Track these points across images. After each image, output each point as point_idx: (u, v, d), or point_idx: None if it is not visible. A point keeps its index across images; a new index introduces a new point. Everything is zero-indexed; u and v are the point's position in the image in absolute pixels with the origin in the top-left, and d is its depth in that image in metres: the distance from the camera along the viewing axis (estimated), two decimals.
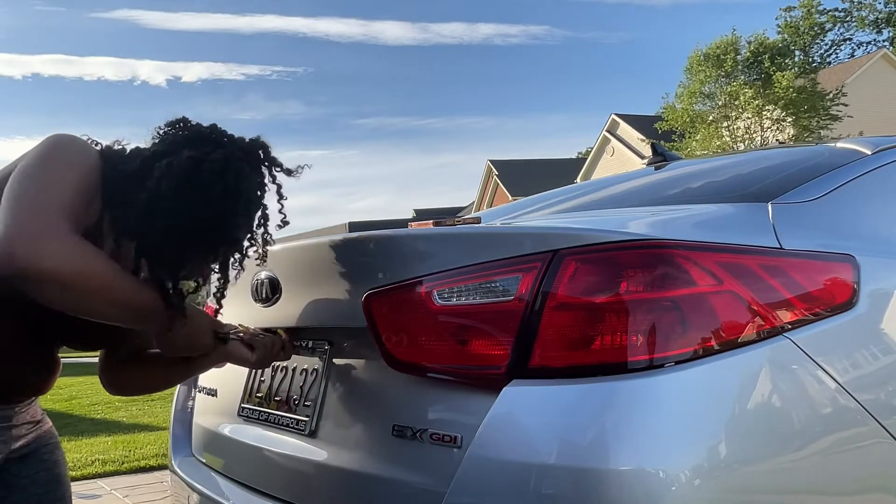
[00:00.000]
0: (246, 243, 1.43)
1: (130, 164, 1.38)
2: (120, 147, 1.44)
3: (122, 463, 5.03)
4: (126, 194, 1.35)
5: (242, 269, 1.50)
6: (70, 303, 1.25)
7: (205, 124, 1.43)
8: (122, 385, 1.67)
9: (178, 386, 2.15)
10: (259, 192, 1.41)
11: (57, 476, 1.55)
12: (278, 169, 1.44)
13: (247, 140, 1.43)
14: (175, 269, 1.38)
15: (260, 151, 1.42)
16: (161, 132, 1.43)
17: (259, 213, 1.42)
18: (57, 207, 1.24)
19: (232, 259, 1.44)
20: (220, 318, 1.62)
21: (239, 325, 1.60)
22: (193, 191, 1.32)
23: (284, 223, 1.46)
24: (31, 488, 1.51)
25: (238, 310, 1.74)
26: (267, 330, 1.68)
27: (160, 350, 1.45)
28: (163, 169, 1.34)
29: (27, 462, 1.51)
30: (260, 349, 1.55)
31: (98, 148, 1.41)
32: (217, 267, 1.44)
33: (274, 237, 1.47)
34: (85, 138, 1.41)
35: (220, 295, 1.48)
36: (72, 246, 1.21)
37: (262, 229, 1.44)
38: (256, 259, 1.49)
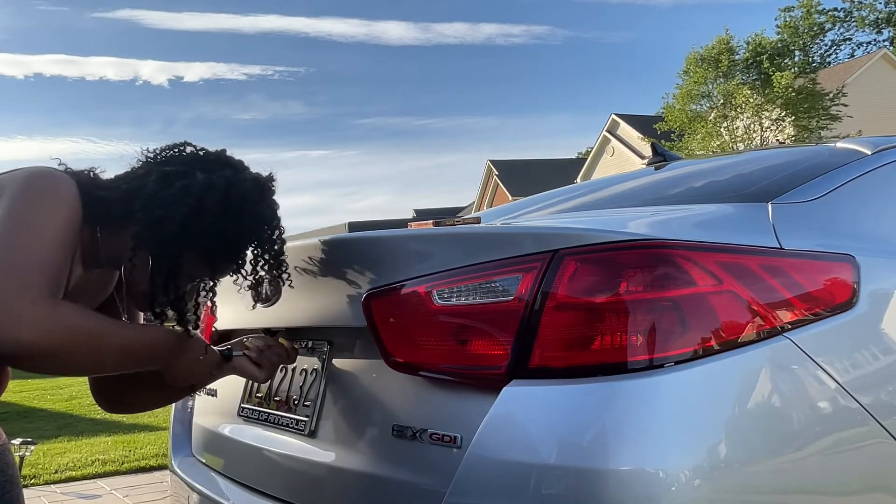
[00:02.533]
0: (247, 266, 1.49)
1: (136, 189, 1.39)
2: (95, 174, 1.44)
3: (122, 463, 5.03)
4: (148, 214, 1.36)
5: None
6: (61, 367, 1.26)
7: (211, 149, 1.50)
8: (121, 406, 1.68)
9: None
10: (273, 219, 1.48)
11: (11, 477, 1.54)
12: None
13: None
14: (184, 281, 1.44)
15: (273, 181, 1.50)
16: (163, 155, 1.46)
17: (264, 243, 1.47)
18: (36, 269, 1.20)
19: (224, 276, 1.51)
20: (219, 320, 1.63)
21: (243, 339, 1.60)
22: (231, 206, 1.38)
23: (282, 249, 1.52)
24: None
25: (238, 310, 1.74)
26: (266, 331, 1.69)
27: (166, 380, 1.46)
28: (202, 185, 1.37)
29: None
30: (267, 366, 1.56)
31: (73, 178, 1.38)
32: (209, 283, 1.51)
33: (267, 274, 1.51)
34: (61, 167, 1.41)
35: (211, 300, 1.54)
36: (51, 311, 1.19)
37: (261, 261, 1.48)
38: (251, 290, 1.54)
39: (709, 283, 1.17)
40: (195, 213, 1.36)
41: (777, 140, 22.45)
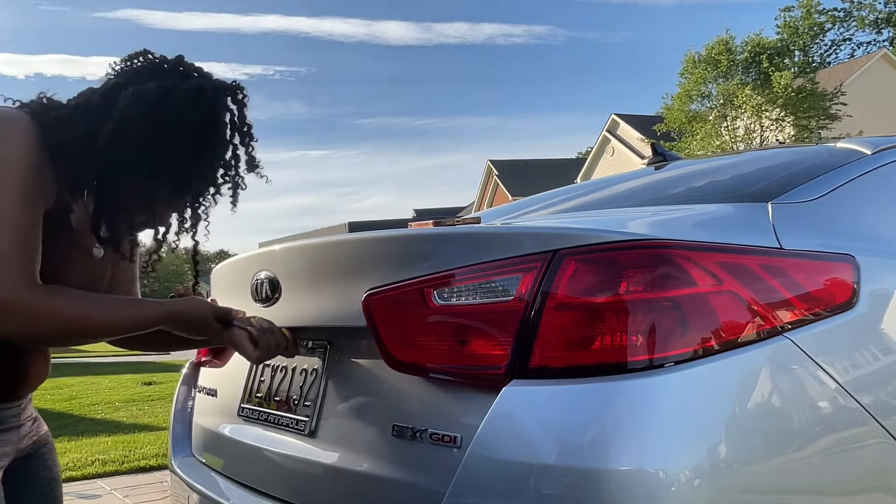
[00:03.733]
0: (212, 187, 1.38)
1: (84, 103, 1.30)
2: (49, 99, 1.34)
3: (122, 463, 5.03)
4: (88, 132, 1.26)
5: (206, 218, 1.42)
6: (48, 343, 1.33)
7: (170, 56, 1.37)
8: (132, 344, 1.64)
9: (178, 386, 2.15)
10: (230, 130, 1.37)
11: (56, 475, 1.55)
12: (246, 118, 1.40)
13: (217, 78, 1.39)
14: (136, 211, 1.34)
15: (231, 90, 1.38)
16: (119, 67, 1.36)
17: (229, 153, 1.38)
18: (9, 255, 1.16)
19: (201, 200, 1.38)
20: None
21: (250, 317, 1.59)
22: (164, 118, 1.27)
23: (254, 166, 1.41)
24: (35, 487, 1.51)
25: (238, 308, 1.74)
26: None
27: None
28: (129, 97, 1.27)
29: (31, 461, 1.50)
30: (263, 348, 1.54)
31: (26, 112, 1.28)
32: (185, 211, 1.38)
33: (245, 180, 1.40)
34: (7, 103, 1.31)
35: (192, 232, 1.41)
36: (27, 305, 1.18)
37: (232, 170, 1.39)
38: (230, 201, 1.41)
39: (709, 283, 1.17)
40: (119, 129, 1.25)
41: (777, 140, 22.44)
